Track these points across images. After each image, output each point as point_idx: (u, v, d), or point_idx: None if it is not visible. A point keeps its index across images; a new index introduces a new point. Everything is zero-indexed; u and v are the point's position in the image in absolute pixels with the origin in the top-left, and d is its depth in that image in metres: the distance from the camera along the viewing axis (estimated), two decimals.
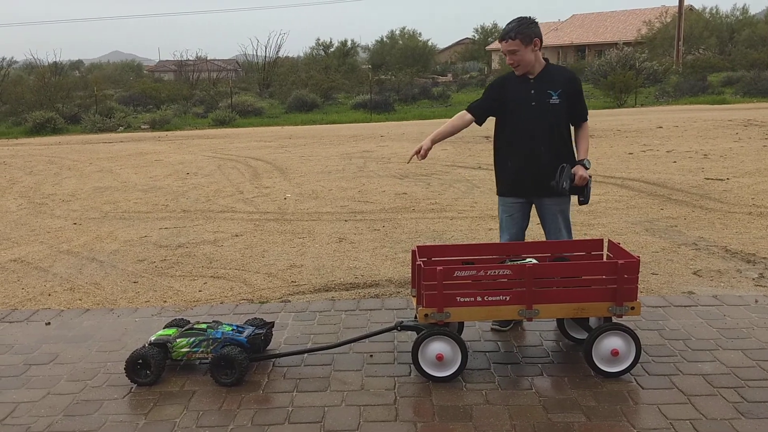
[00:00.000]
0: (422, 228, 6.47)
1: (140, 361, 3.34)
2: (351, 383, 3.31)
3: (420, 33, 57.03)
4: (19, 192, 9.30)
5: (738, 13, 50.23)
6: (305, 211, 7.40)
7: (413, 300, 3.54)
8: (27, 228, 7.05)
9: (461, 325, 3.69)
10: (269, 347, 3.74)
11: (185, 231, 6.67)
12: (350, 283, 4.89)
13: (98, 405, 3.17)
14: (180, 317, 3.99)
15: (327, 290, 4.76)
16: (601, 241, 3.67)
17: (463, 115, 3.86)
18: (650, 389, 3.16)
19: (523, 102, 3.72)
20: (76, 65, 63.20)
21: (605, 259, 3.59)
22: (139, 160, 12.34)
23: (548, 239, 3.88)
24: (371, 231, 6.42)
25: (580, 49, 51.28)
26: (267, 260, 5.55)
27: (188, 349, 3.46)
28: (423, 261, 3.45)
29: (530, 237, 3.99)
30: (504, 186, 3.91)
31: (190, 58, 41.95)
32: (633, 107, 22.77)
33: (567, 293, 3.24)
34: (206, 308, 4.44)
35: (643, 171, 9.18)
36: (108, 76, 45.69)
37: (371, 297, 4.58)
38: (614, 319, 3.35)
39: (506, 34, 3.65)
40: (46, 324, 4.23)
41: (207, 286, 4.93)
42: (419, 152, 3.82)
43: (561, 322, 3.71)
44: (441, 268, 3.19)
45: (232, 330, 3.53)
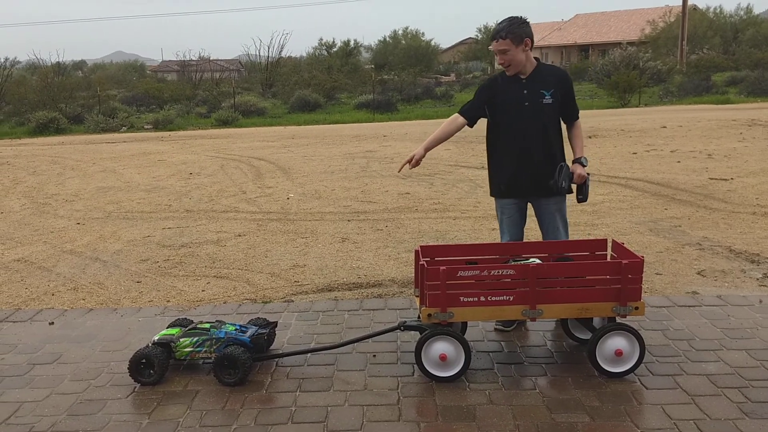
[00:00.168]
0: (425, 228, 6.47)
1: (144, 361, 3.35)
2: (354, 383, 3.30)
3: (423, 33, 56.91)
4: (23, 192, 9.32)
5: (742, 13, 50.07)
6: (308, 211, 7.40)
7: (416, 300, 3.54)
8: (30, 228, 7.06)
9: (464, 325, 3.68)
10: (272, 347, 3.74)
11: (188, 231, 6.67)
12: (353, 283, 4.89)
13: (102, 404, 3.18)
14: (183, 317, 4.00)
15: (330, 290, 4.76)
16: (605, 241, 3.66)
17: (455, 119, 3.84)
18: (654, 389, 3.15)
19: (516, 102, 3.70)
20: (79, 65, 63.34)
21: (609, 259, 3.58)
22: (142, 160, 12.36)
23: (545, 239, 3.88)
24: (374, 231, 6.42)
25: (584, 49, 51.22)
26: (270, 260, 5.55)
27: (191, 349, 3.46)
28: (426, 261, 3.45)
29: (531, 237, 3.98)
30: (499, 187, 3.89)
31: (193, 58, 41.95)
32: (637, 107, 22.71)
33: (571, 293, 3.24)
34: (209, 308, 4.45)
35: (647, 171, 9.16)
36: (111, 77, 45.77)
37: (374, 297, 4.58)
38: (618, 319, 3.34)
39: (497, 34, 3.63)
40: (50, 324, 4.24)
41: (210, 286, 4.93)
42: (411, 161, 3.82)
43: (564, 322, 3.70)
44: (444, 268, 3.19)
45: (236, 330, 3.54)
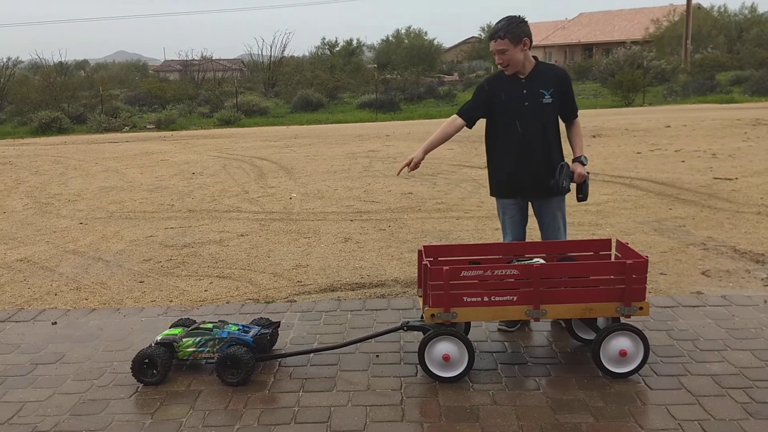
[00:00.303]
0: (428, 228, 6.45)
1: (146, 361, 3.35)
2: (357, 383, 3.30)
3: (426, 32, 56.85)
4: (25, 192, 9.33)
5: (746, 12, 49.96)
6: (311, 211, 7.39)
7: (419, 300, 3.53)
8: (33, 228, 7.07)
9: (468, 326, 3.67)
10: (275, 347, 3.73)
11: (191, 231, 6.67)
12: (356, 283, 4.88)
13: (105, 404, 3.18)
14: (186, 317, 3.99)
15: (333, 290, 4.76)
16: (609, 241, 3.65)
17: (454, 120, 3.83)
18: (658, 390, 3.14)
19: (516, 102, 3.69)
20: (82, 65, 63.39)
21: (613, 259, 3.57)
22: (145, 160, 12.36)
23: (545, 238, 3.87)
24: (377, 231, 6.41)
25: (588, 48, 51.14)
26: (273, 260, 5.55)
27: (194, 349, 3.46)
28: (429, 261, 3.44)
29: (533, 237, 3.97)
30: (499, 188, 3.88)
31: (196, 58, 42.02)
32: (641, 106, 22.67)
33: (575, 293, 3.22)
34: (212, 308, 4.44)
35: (652, 170, 9.14)
36: (113, 76, 45.81)
37: (377, 297, 4.57)
38: (622, 320, 3.33)
39: (495, 33, 3.61)
40: (53, 323, 4.23)
41: (213, 286, 4.93)
42: (410, 164, 3.80)
43: (568, 323, 3.69)
44: (447, 268, 3.18)
45: (238, 330, 3.53)
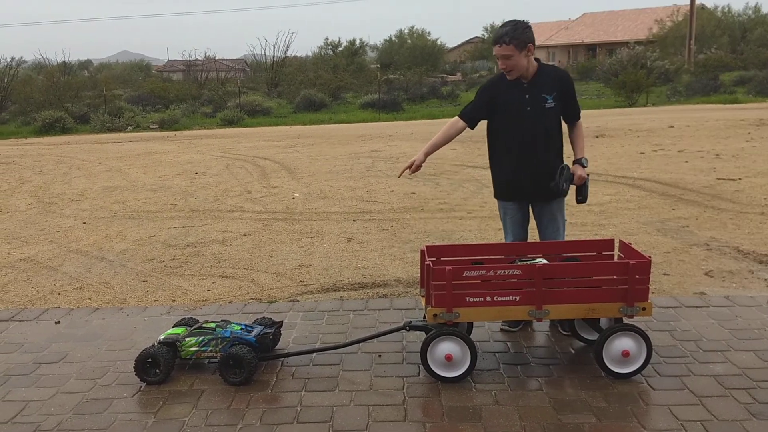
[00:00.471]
0: (431, 228, 6.45)
1: (149, 360, 3.35)
2: (359, 383, 3.30)
3: (429, 32, 56.91)
4: (29, 191, 9.35)
5: (750, 12, 49.87)
6: (313, 211, 7.40)
7: (422, 300, 3.53)
8: (36, 227, 7.08)
9: (470, 326, 3.67)
10: (278, 347, 3.73)
11: (194, 230, 6.68)
12: (359, 283, 4.88)
13: (108, 403, 3.18)
14: (189, 316, 4.00)
15: (335, 290, 4.76)
16: (612, 241, 3.64)
17: (456, 122, 3.83)
18: (661, 390, 3.14)
19: (518, 107, 3.67)
20: (85, 65, 63.48)
21: (616, 260, 3.56)
22: (148, 160, 12.38)
23: (544, 239, 3.87)
24: (380, 231, 6.41)
25: (591, 48, 51.07)
26: (275, 260, 5.55)
27: (197, 348, 3.46)
28: (432, 261, 3.44)
29: (535, 237, 3.97)
30: (501, 189, 3.89)
31: (199, 58, 42.04)
32: (644, 106, 22.64)
33: (578, 294, 3.22)
34: (215, 307, 4.45)
35: (655, 171, 9.12)
36: (117, 76, 45.85)
37: (380, 297, 4.57)
38: (625, 320, 3.32)
39: (500, 39, 3.56)
40: (56, 323, 4.24)
41: (215, 286, 4.94)
42: (411, 167, 3.80)
43: (571, 323, 3.68)
44: (450, 268, 3.18)
45: (241, 329, 3.53)
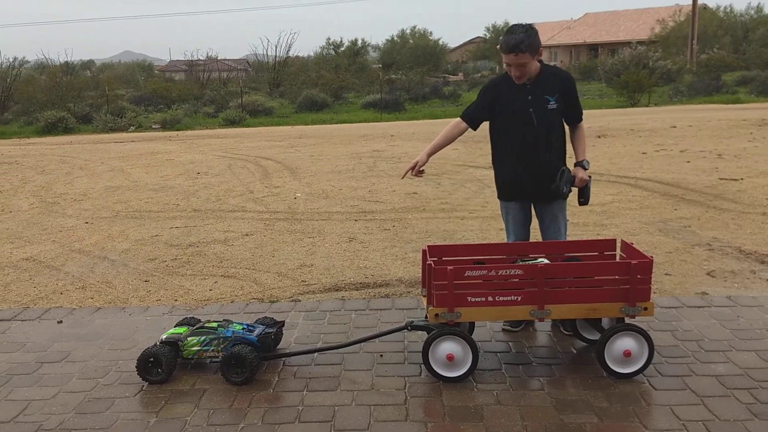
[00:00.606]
0: (433, 228, 6.45)
1: (151, 360, 3.36)
2: (361, 383, 3.30)
3: (431, 32, 56.90)
4: (31, 191, 9.37)
5: (753, 12, 49.76)
6: (315, 211, 7.40)
7: (424, 300, 3.53)
8: (39, 227, 7.10)
9: (472, 325, 3.67)
10: (279, 346, 3.74)
11: (196, 230, 6.69)
12: (360, 283, 4.88)
13: (110, 403, 3.19)
14: (191, 316, 4.01)
15: (337, 290, 4.76)
16: (614, 241, 3.64)
17: (458, 124, 3.82)
18: (663, 390, 3.14)
19: (521, 108, 3.66)
20: (88, 65, 63.62)
21: (618, 260, 3.56)
22: (150, 160, 12.40)
23: (546, 239, 3.87)
24: (381, 231, 6.41)
25: (593, 48, 51.00)
26: (277, 259, 5.55)
27: (199, 348, 3.47)
28: (433, 261, 3.44)
29: (537, 237, 3.97)
30: (503, 190, 3.89)
31: (201, 58, 42.08)
32: (646, 106, 22.62)
33: (579, 293, 3.22)
34: (217, 307, 4.45)
35: (657, 171, 9.11)
36: (119, 76, 45.89)
37: (381, 297, 4.58)
38: (627, 320, 3.32)
39: (516, 47, 3.48)
40: (58, 322, 4.25)
41: (217, 285, 4.94)
42: (414, 168, 3.79)
43: (573, 323, 3.69)
44: (452, 268, 3.18)
45: (243, 329, 3.54)
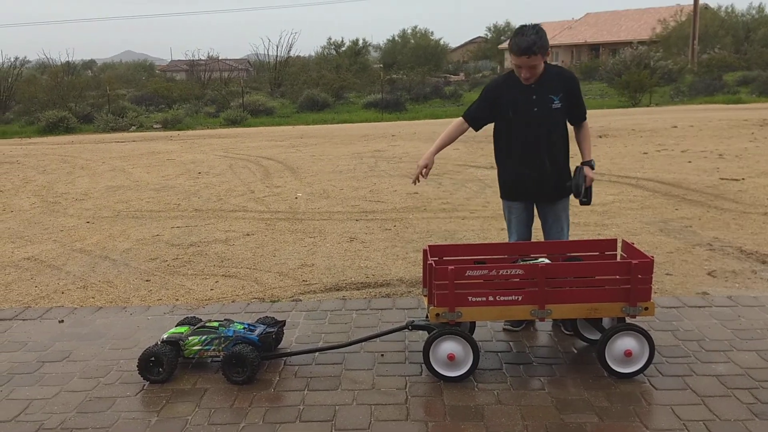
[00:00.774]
0: (434, 228, 6.46)
1: (153, 359, 3.36)
2: (362, 382, 3.30)
3: (432, 32, 56.92)
4: (33, 191, 9.38)
5: (754, 12, 49.75)
6: (316, 211, 7.41)
7: (424, 299, 3.53)
8: (40, 226, 7.10)
9: (473, 325, 3.67)
10: (280, 346, 3.74)
11: (197, 230, 6.70)
12: (361, 283, 4.89)
13: (111, 402, 3.19)
14: (192, 315, 4.01)
15: (338, 289, 4.77)
16: (615, 241, 3.64)
17: (461, 124, 3.82)
18: (664, 390, 3.14)
19: (525, 107, 3.66)
20: (89, 65, 63.71)
21: (619, 259, 3.56)
22: (152, 160, 12.41)
23: (548, 239, 3.87)
24: (382, 230, 6.42)
25: (594, 48, 50.98)
26: (278, 259, 5.56)
27: (200, 347, 3.47)
28: (434, 260, 3.44)
29: (539, 237, 3.97)
30: (506, 189, 3.89)
31: (202, 58, 42.06)
32: (647, 106, 22.61)
33: (580, 293, 3.22)
34: (218, 306, 4.46)
35: (658, 171, 9.11)
36: (120, 76, 45.95)
37: (382, 296, 4.58)
38: (628, 320, 3.32)
39: (528, 49, 3.45)
40: (60, 322, 4.26)
41: (219, 285, 4.95)
42: (424, 169, 3.76)
43: (573, 323, 3.69)
44: (452, 268, 3.18)
45: (244, 328, 3.54)
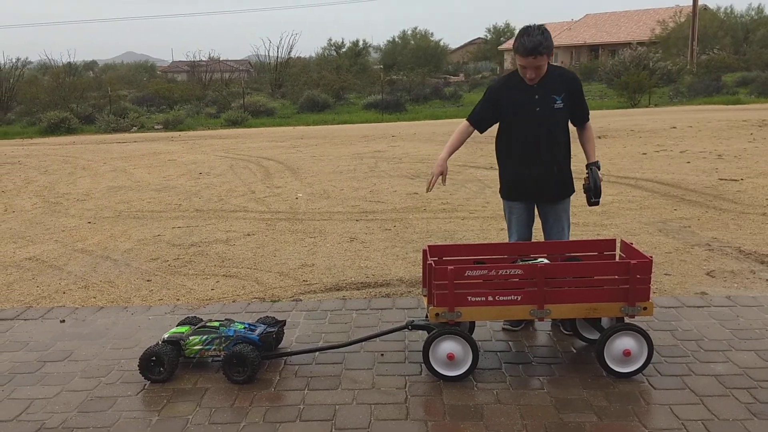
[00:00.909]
0: (433, 228, 6.47)
1: (154, 359, 3.37)
2: (362, 382, 3.32)
3: (432, 33, 57.07)
4: (34, 191, 9.40)
5: (753, 13, 49.81)
6: (317, 211, 7.42)
7: (424, 299, 3.55)
8: (42, 227, 7.12)
9: (472, 325, 3.69)
10: (281, 345, 3.76)
11: (198, 230, 6.71)
12: (361, 283, 4.90)
13: (112, 402, 3.21)
14: (193, 315, 4.02)
15: (338, 289, 4.78)
16: (614, 241, 3.66)
17: (466, 127, 3.83)
18: (662, 390, 3.15)
19: (528, 108, 3.67)
20: (90, 66, 63.79)
21: (618, 260, 3.58)
22: (153, 160, 12.42)
23: (549, 239, 3.88)
24: (382, 231, 6.43)
25: (594, 49, 51.01)
26: (279, 259, 5.57)
27: (201, 347, 3.49)
28: (434, 260, 3.46)
29: (539, 237, 3.99)
30: (507, 189, 3.90)
31: (203, 59, 42.13)
32: (646, 107, 22.62)
33: (579, 293, 3.23)
34: (219, 306, 4.47)
35: (657, 171, 9.13)
36: (122, 77, 46.02)
37: (382, 296, 4.59)
38: (626, 320, 3.33)
39: (534, 50, 3.45)
40: (61, 321, 4.27)
41: (219, 285, 4.96)
42: (441, 175, 3.74)
43: (572, 322, 3.70)
44: (452, 268, 3.20)
45: (244, 328, 3.56)
